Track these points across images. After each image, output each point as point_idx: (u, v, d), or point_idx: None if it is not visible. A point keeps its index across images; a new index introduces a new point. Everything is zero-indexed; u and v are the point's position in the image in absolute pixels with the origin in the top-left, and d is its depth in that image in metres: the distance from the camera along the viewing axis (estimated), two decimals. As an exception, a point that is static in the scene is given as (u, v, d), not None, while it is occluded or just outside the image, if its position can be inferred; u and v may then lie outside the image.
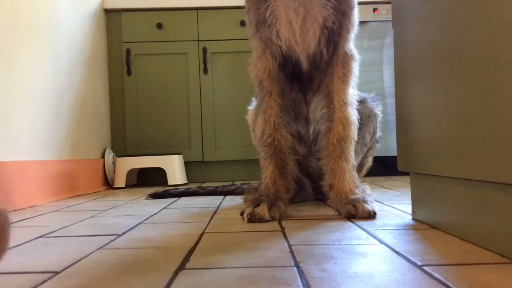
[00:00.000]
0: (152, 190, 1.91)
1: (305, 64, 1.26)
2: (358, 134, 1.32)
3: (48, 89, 1.84)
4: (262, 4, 1.20)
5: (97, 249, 0.85)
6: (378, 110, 1.51)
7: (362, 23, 1.30)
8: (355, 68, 1.27)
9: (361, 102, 1.41)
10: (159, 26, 2.53)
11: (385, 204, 1.35)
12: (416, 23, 0.99)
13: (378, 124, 1.51)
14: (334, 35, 1.22)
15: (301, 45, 1.22)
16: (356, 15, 1.25)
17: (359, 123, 1.30)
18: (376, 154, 1.57)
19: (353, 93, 1.27)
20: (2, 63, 1.52)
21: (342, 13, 1.20)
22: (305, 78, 1.34)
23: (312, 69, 1.29)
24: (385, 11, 2.49)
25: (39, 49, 1.77)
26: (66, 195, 1.91)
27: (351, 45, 1.27)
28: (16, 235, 1.04)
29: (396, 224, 1.02)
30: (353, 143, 1.25)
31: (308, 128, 1.42)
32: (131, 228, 1.07)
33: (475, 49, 0.74)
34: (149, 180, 2.55)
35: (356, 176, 1.25)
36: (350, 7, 1.22)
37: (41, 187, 1.72)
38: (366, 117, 1.46)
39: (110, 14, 2.55)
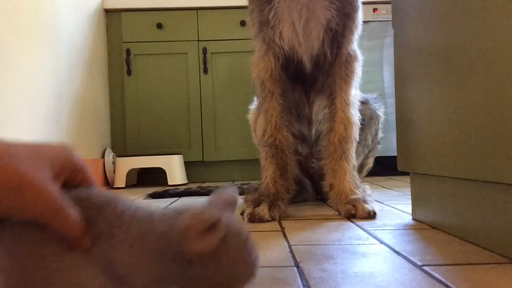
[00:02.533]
0: (152, 190, 1.91)
1: (308, 65, 1.26)
2: (360, 136, 1.32)
3: (48, 89, 1.84)
4: (266, 6, 1.20)
5: (97, 249, 0.85)
6: (381, 112, 1.51)
7: (362, 23, 1.30)
8: (358, 69, 1.27)
9: (364, 103, 1.41)
10: (159, 26, 2.53)
11: (385, 204, 1.35)
12: (416, 23, 0.99)
13: (380, 126, 1.51)
14: (337, 37, 1.22)
15: (304, 46, 1.22)
16: (360, 16, 1.25)
17: (361, 124, 1.30)
18: (376, 154, 1.57)
19: (355, 94, 1.27)
20: (2, 63, 1.52)
21: (346, 15, 1.20)
22: (308, 79, 1.34)
23: (315, 70, 1.29)
24: (385, 11, 2.49)
25: (39, 49, 1.77)
26: (66, 195, 1.91)
27: (355, 45, 1.27)
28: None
29: (396, 224, 1.02)
30: (354, 144, 1.25)
31: (310, 128, 1.42)
32: (131, 228, 1.07)
33: (475, 49, 0.74)
34: (149, 180, 2.55)
35: (357, 176, 1.26)
36: (354, 9, 1.22)
37: (41, 187, 1.72)
38: (368, 118, 1.46)
39: (110, 14, 2.55)
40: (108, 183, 2.39)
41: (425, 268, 0.66)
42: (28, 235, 0.41)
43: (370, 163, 1.56)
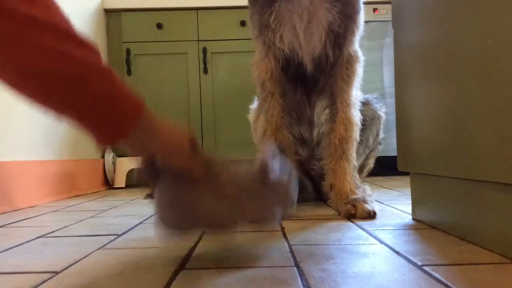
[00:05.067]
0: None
1: (309, 66, 1.27)
2: (361, 136, 1.32)
3: (48, 89, 1.83)
4: (267, 10, 1.20)
5: (97, 249, 0.85)
6: (382, 112, 1.50)
7: (363, 23, 1.30)
8: (359, 70, 1.27)
9: (365, 103, 1.41)
10: (159, 26, 2.53)
11: (385, 204, 1.35)
12: (415, 24, 0.99)
13: (382, 126, 1.51)
14: (339, 38, 1.22)
15: (305, 48, 1.22)
16: (362, 17, 1.25)
17: (362, 125, 1.30)
18: (377, 155, 1.57)
19: (356, 94, 1.28)
20: (2, 63, 1.51)
21: (348, 16, 1.21)
22: (309, 80, 1.34)
23: (316, 71, 1.29)
24: (385, 11, 2.49)
25: (39, 49, 1.77)
26: (66, 195, 1.91)
27: (356, 46, 1.27)
28: (16, 235, 1.04)
29: (396, 224, 1.02)
30: (355, 144, 1.25)
31: (311, 131, 1.42)
32: (131, 228, 1.07)
33: (474, 49, 0.74)
34: (149, 180, 2.54)
35: (357, 177, 1.26)
36: (356, 11, 1.22)
37: (41, 187, 1.72)
38: (369, 119, 1.46)
39: (110, 14, 2.55)
40: (108, 183, 2.39)
41: (425, 268, 0.66)
42: (177, 178, 0.71)
43: (371, 163, 1.56)
